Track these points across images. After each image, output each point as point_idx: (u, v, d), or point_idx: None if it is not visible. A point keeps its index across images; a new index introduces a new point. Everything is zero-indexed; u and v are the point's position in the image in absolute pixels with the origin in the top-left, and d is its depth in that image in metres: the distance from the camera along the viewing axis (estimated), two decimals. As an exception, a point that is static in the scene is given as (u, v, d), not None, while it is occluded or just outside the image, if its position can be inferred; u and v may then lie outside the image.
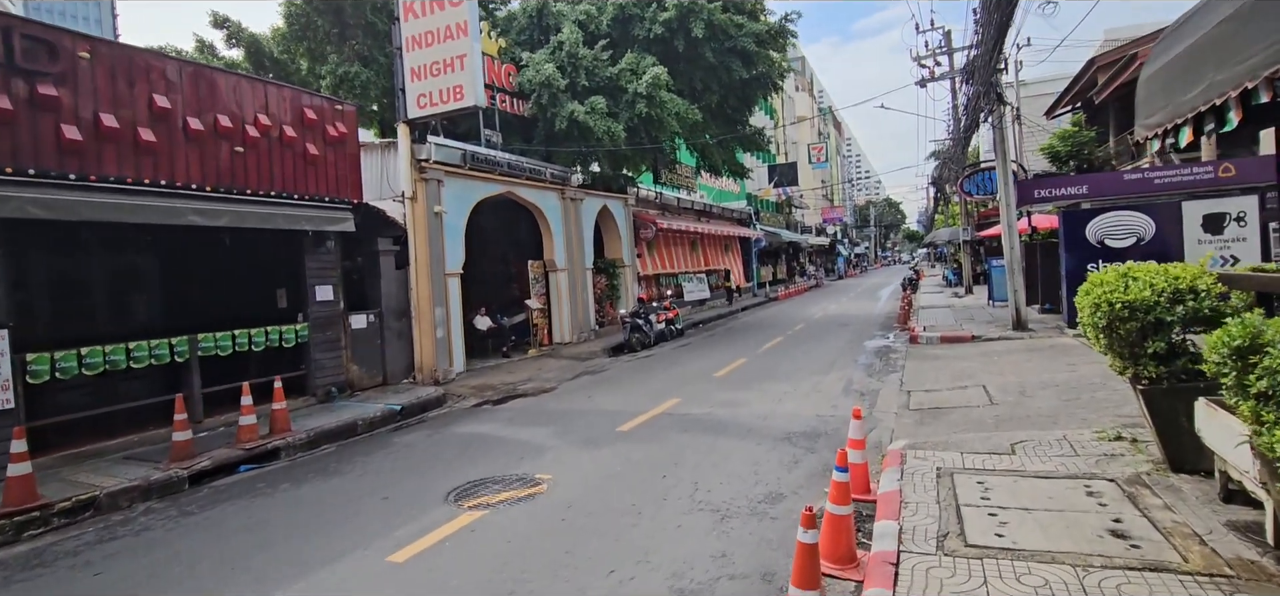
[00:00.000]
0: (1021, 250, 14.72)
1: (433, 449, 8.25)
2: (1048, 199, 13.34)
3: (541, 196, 16.70)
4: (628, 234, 21.16)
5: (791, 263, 48.54)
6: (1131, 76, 19.07)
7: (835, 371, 11.63)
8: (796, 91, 58.41)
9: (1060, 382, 8.67)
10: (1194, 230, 11.60)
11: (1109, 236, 12.09)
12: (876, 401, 9.13)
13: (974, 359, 11.38)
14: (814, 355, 13.66)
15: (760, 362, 13.21)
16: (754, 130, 23.30)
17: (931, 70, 25.97)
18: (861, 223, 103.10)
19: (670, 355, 15.36)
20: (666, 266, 25.32)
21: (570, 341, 17.62)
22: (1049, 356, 10.70)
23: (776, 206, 44.34)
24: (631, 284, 21.16)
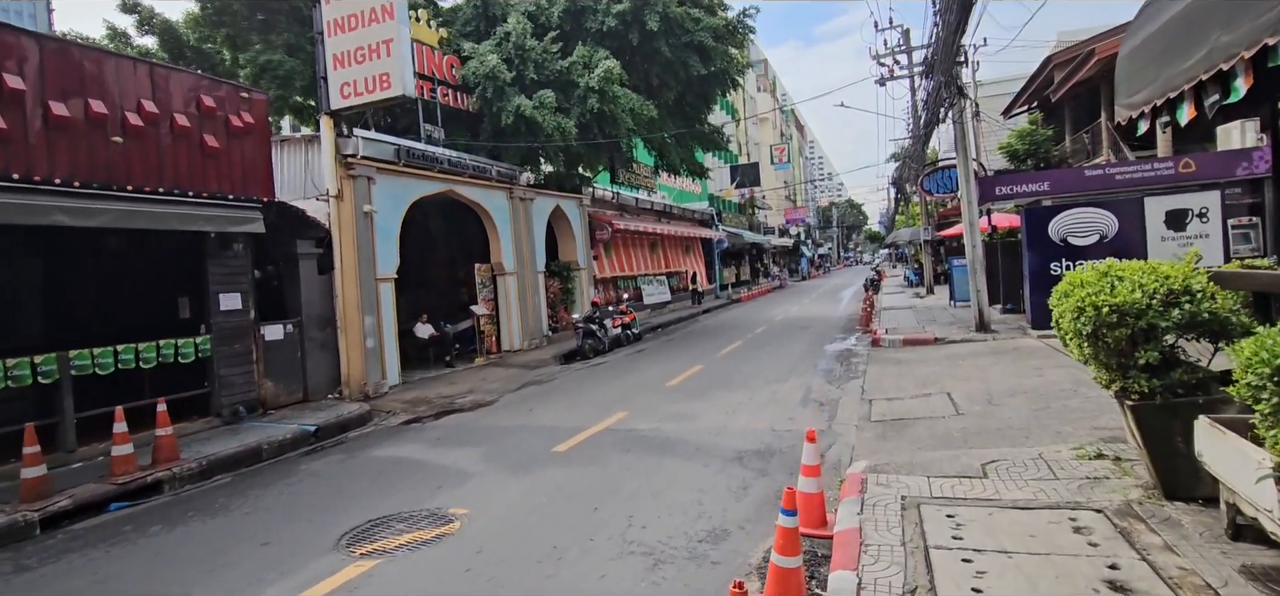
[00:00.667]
0: (983, 250, 14.37)
1: (341, 478, 7.29)
2: (1009, 196, 12.95)
3: (487, 196, 15.75)
4: (583, 235, 20.32)
5: (755, 264, 48.26)
6: (1087, 75, 19.00)
7: (794, 378, 10.99)
8: (758, 92, 58.32)
9: (1029, 389, 8.13)
10: (1157, 227, 11.28)
11: (1072, 234, 11.72)
12: (836, 411, 8.48)
13: (938, 363, 10.85)
14: (773, 360, 13.01)
15: (717, 369, 12.51)
16: (713, 128, 22.70)
17: (891, 69, 25.82)
18: (824, 224, 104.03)
19: (624, 362, 14.57)
20: (625, 269, 24.54)
21: (520, 348, 16.69)
22: (1014, 360, 10.21)
23: (739, 207, 43.97)
24: (587, 287, 20.31)
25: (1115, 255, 10.93)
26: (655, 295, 25.96)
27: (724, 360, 13.61)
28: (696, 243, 32.98)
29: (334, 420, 9.55)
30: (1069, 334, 4.50)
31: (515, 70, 15.88)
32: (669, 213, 29.32)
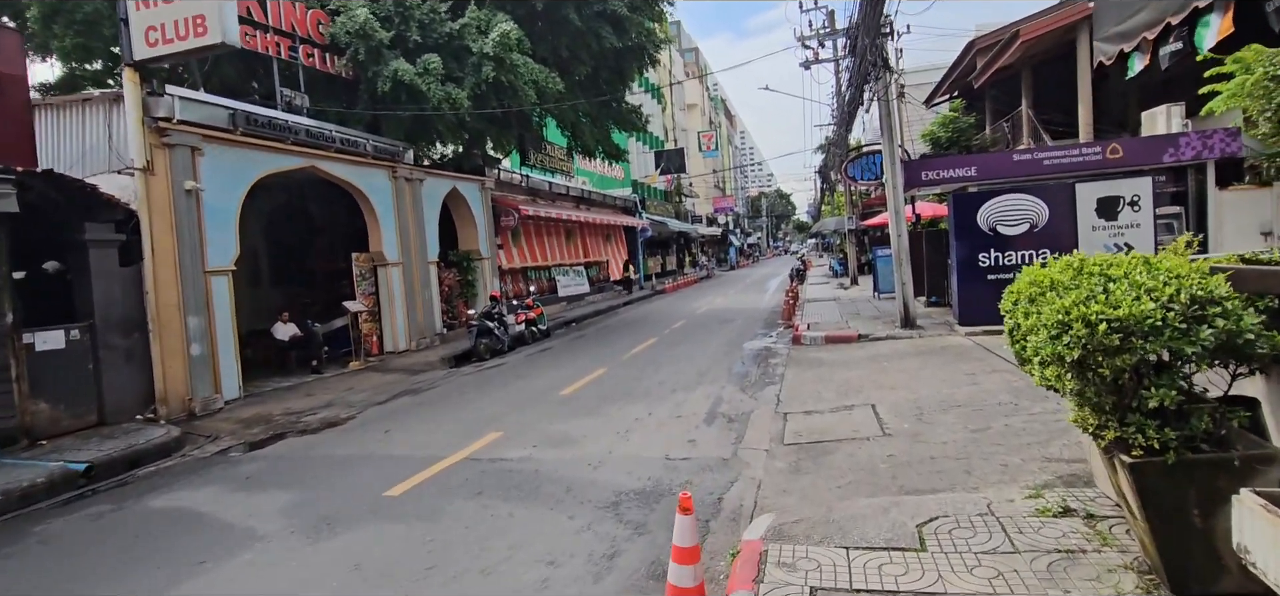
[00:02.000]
0: (908, 239, 13.44)
1: (82, 545, 5.35)
2: (935, 182, 12.03)
3: (362, 175, 13.66)
4: (486, 222, 18.40)
5: (682, 253, 47.23)
6: (1009, 61, 18.52)
7: (705, 385, 9.62)
8: (687, 78, 57.23)
9: (963, 401, 7.00)
10: (1088, 215, 10.52)
11: (1002, 222, 10.84)
12: (746, 430, 7.12)
13: (861, 364, 9.72)
14: (685, 362, 11.64)
15: (621, 374, 11.02)
16: (630, 108, 21.16)
17: (815, 52, 24.95)
18: (754, 213, 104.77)
19: (521, 365, 12.89)
20: (537, 258, 22.75)
21: (406, 349, 14.72)
22: (943, 362, 9.17)
23: (665, 195, 42.74)
24: (490, 279, 18.44)
25: (1046, 246, 10.05)
26: (571, 287, 24.30)
27: (630, 363, 12.14)
28: (618, 231, 31.47)
29: (123, 452, 7.47)
30: (1041, 358, 3.17)
31: (394, 30, 13.82)
32: (588, 199, 27.66)
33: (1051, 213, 10.60)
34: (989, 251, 10.89)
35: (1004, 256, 10.83)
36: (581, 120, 19.99)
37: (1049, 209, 10.61)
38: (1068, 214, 10.56)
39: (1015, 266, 10.81)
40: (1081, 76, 15.68)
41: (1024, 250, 10.74)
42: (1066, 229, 10.57)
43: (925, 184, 12.10)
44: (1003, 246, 10.83)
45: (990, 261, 10.90)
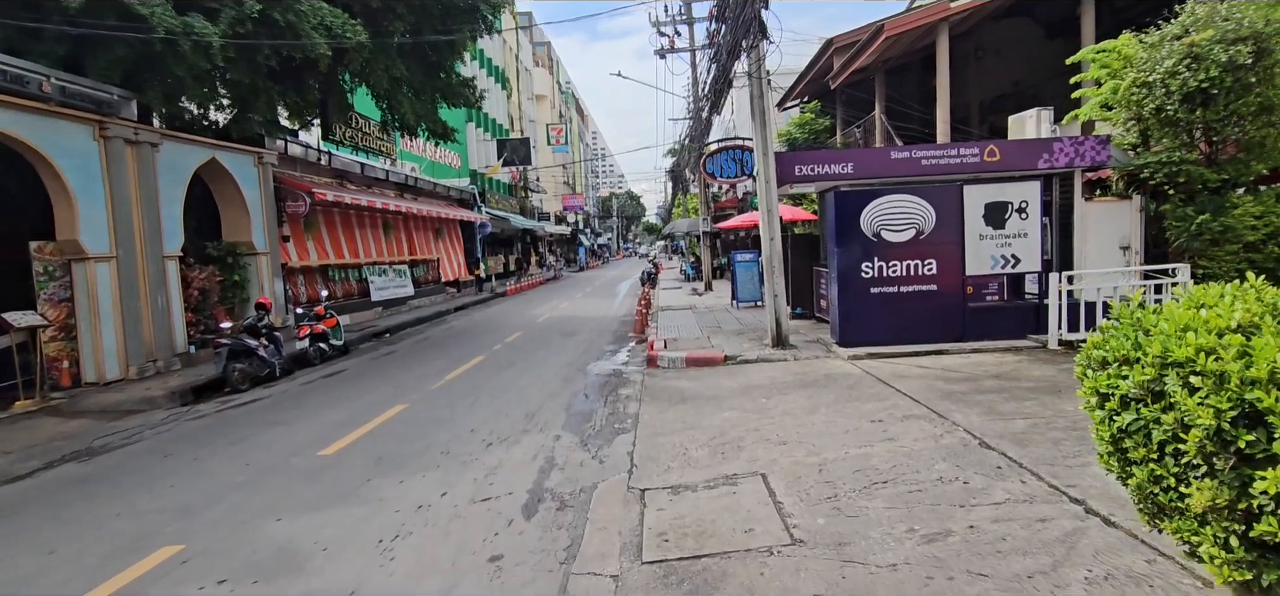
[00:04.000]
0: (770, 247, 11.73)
1: None
2: (810, 178, 10.39)
3: (43, 129, 9.41)
4: (264, 206, 14.35)
5: (528, 252, 44.13)
6: (866, 62, 17.86)
7: (533, 434, 7.01)
8: (535, 67, 54.13)
9: (886, 470, 5.02)
10: (976, 222, 9.33)
11: (886, 226, 9.34)
12: (586, 527, 4.63)
13: (735, 400, 7.64)
14: (513, 393, 8.95)
15: (423, 414, 8.09)
16: (462, 80, 17.93)
17: (671, 40, 23.30)
18: (605, 213, 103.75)
19: (287, 398, 9.46)
20: (342, 255, 18.76)
21: (120, 378, 10.57)
22: (836, 399, 7.32)
23: (509, 189, 39.40)
24: (270, 280, 14.40)
25: (932, 256, 8.48)
26: (390, 290, 20.49)
27: (443, 393, 9.21)
28: (453, 226, 27.83)
29: None
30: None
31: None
32: (414, 187, 23.84)
33: (938, 217, 9.28)
34: (872, 260, 9.36)
35: (888, 266, 9.35)
36: (401, 90, 16.45)
37: (936, 213, 9.27)
38: (955, 220, 9.29)
39: (900, 279, 9.37)
40: (940, 78, 15.13)
41: (909, 259, 9.33)
42: (953, 236, 9.31)
43: (798, 180, 10.43)
44: (887, 255, 9.35)
45: (874, 271, 9.37)
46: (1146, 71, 9.70)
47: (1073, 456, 4.86)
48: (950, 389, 7.21)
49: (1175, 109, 9.51)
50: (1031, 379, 7.42)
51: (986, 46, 19.87)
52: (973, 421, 5.94)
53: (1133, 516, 3.77)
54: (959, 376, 7.77)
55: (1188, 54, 9.21)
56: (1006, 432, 5.54)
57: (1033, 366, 8.03)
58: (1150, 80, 9.66)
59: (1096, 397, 2.99)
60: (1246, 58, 8.88)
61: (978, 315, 9.42)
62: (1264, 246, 10.08)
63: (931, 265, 9.30)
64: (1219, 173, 9.98)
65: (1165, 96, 9.53)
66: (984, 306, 9.44)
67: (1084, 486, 4.27)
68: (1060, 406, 6.24)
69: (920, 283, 9.34)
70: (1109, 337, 3.01)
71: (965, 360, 8.58)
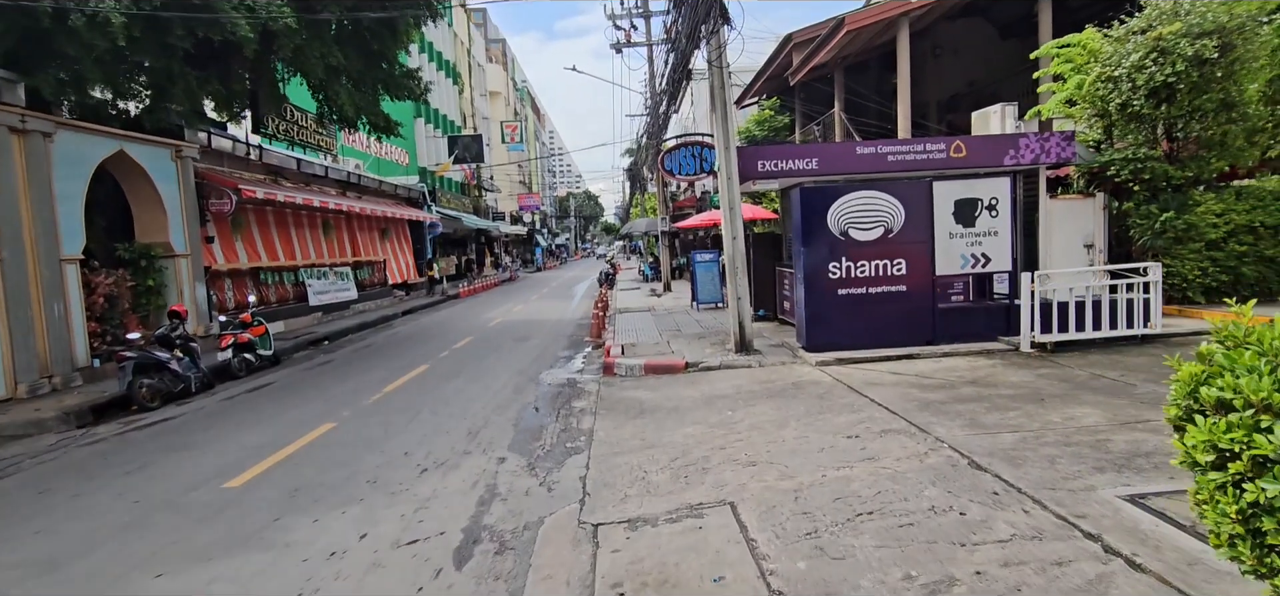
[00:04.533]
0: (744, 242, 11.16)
1: None
2: (774, 174, 9.89)
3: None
4: (183, 204, 13.13)
5: (482, 253, 42.89)
6: (826, 58, 17.57)
7: (475, 456, 6.26)
8: (489, 63, 52.80)
9: (869, 498, 4.47)
10: (946, 220, 8.94)
11: (854, 224, 8.88)
12: (530, 568, 3.95)
13: (697, 412, 7.04)
14: (456, 407, 8.16)
15: (353, 434, 7.23)
16: (406, 71, 16.90)
17: (628, 34, 22.67)
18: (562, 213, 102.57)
19: (202, 417, 8.46)
20: (276, 257, 17.51)
21: (8, 397, 9.35)
22: (808, 411, 6.78)
23: (462, 187, 38.14)
24: (191, 284, 13.19)
25: (901, 255, 7.95)
26: (330, 293, 19.28)
27: (379, 408, 8.34)
28: (401, 225, 26.59)
29: None
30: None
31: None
32: (358, 185, 22.60)
33: (908, 215, 8.86)
34: (840, 260, 8.89)
35: (856, 266, 8.89)
36: (339, 80, 15.36)
37: (906, 211, 8.85)
38: (925, 218, 8.89)
39: (868, 279, 8.93)
40: (901, 73, 14.89)
41: (878, 259, 8.89)
42: (923, 235, 8.91)
43: (761, 176, 9.91)
44: (856, 254, 8.89)
45: (841, 271, 8.90)
46: (1112, 66, 9.52)
47: (1072, 478, 4.39)
48: (927, 398, 6.75)
49: (1141, 104, 9.34)
50: (1010, 386, 7.02)
51: (943, 45, 19.84)
52: (956, 436, 5.46)
53: (1163, 558, 3.28)
54: (934, 383, 7.33)
55: (1154, 48, 9.04)
56: (995, 449, 5.07)
57: (1008, 371, 7.66)
58: (1116, 75, 9.48)
59: (1213, 454, 2.14)
60: (1212, 52, 8.75)
61: (948, 317, 9.05)
62: (1225, 244, 10.03)
63: (901, 265, 8.89)
64: (1182, 170, 9.88)
65: (1131, 91, 9.36)
66: (954, 307, 9.08)
67: (1095, 517, 3.78)
68: (1046, 417, 5.82)
69: (889, 283, 8.91)
70: (1231, 367, 2.18)
71: (938, 365, 8.17)
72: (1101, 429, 5.37)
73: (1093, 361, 7.82)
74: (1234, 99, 9.34)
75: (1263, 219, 9.88)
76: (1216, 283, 10.03)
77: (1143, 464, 4.55)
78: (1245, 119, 9.69)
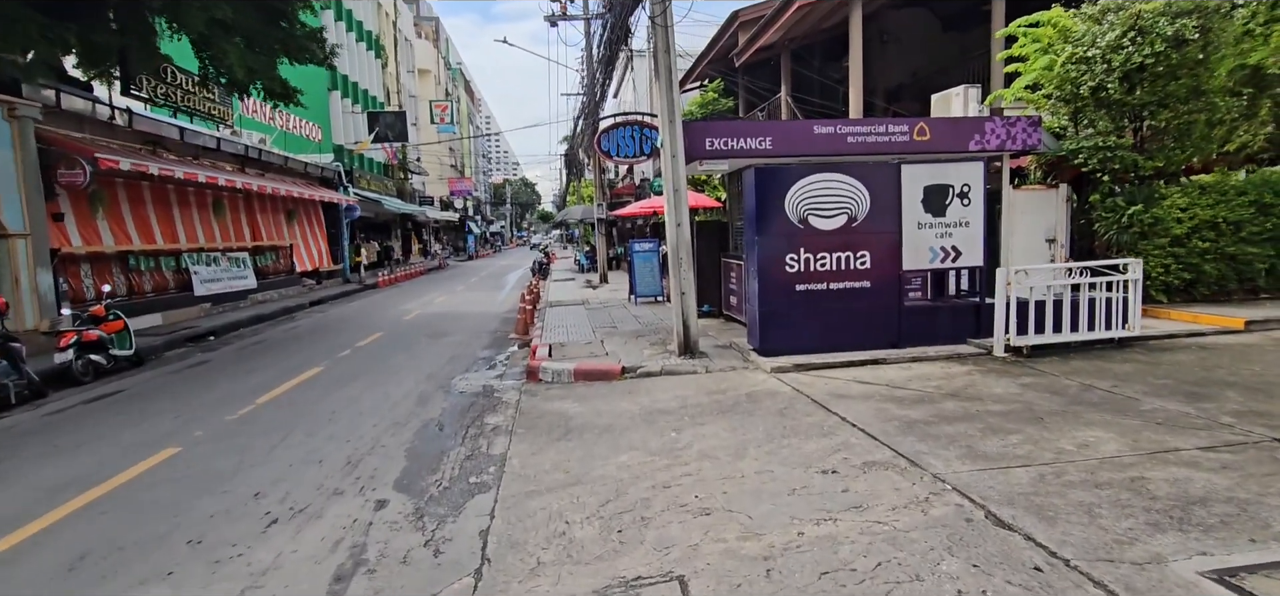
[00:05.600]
0: (691, 230, 9.94)
1: None
2: (723, 154, 8.75)
3: None
4: (19, 172, 10.88)
5: (409, 239, 40.38)
6: (773, 38, 16.62)
7: (347, 499, 4.81)
8: (418, 39, 49.88)
9: (862, 566, 3.32)
10: (914, 208, 8.00)
11: (815, 211, 7.82)
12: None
13: (635, 433, 5.80)
14: (343, 424, 6.63)
15: (190, 469, 5.62)
16: (309, 31, 14.88)
17: (563, 5, 21.17)
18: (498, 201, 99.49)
19: (4, 443, 6.60)
20: (153, 239, 15.20)
21: None
22: (769, 431, 5.63)
23: (385, 169, 35.59)
24: (29, 270, 10.97)
25: (866, 247, 6.28)
26: (221, 281, 17.02)
27: (240, 427, 6.71)
28: (313, 207, 24.21)
29: None
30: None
31: None
32: (259, 161, 20.21)
33: (873, 201, 7.86)
34: (798, 252, 7.81)
35: (816, 259, 7.84)
36: (228, 37, 13.24)
37: (871, 197, 7.85)
38: (892, 204, 7.92)
39: (830, 273, 7.89)
40: (853, 56, 14.05)
41: (840, 251, 7.87)
42: (890, 224, 7.94)
43: (709, 155, 8.75)
44: (815, 245, 7.83)
45: (799, 264, 7.83)
46: (1085, 45, 8.83)
47: (1129, 541, 3.38)
48: (907, 416, 5.73)
49: (1114, 88, 8.68)
50: (996, 400, 6.09)
51: (890, 32, 19.26)
52: (959, 473, 4.42)
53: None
54: (909, 396, 6.34)
55: (1132, 26, 8.38)
56: (1013, 493, 4.03)
57: (989, 381, 6.76)
58: (1089, 55, 8.79)
59: None
60: (1192, 32, 8.14)
61: (913, 317, 8.13)
62: (1188, 240, 9.54)
63: (865, 258, 7.90)
64: (1152, 160, 9.31)
65: (1105, 73, 8.68)
66: (919, 306, 8.16)
67: (1184, 608, 2.75)
68: (1056, 444, 4.86)
69: (852, 278, 7.91)
70: None
71: (908, 372, 7.22)
72: (1128, 460, 4.44)
73: (1076, 368, 7.03)
74: (1204, 86, 8.84)
75: (1225, 215, 9.44)
76: (1178, 280, 9.56)
77: (1203, 516, 3.59)
78: (1211, 108, 9.22)
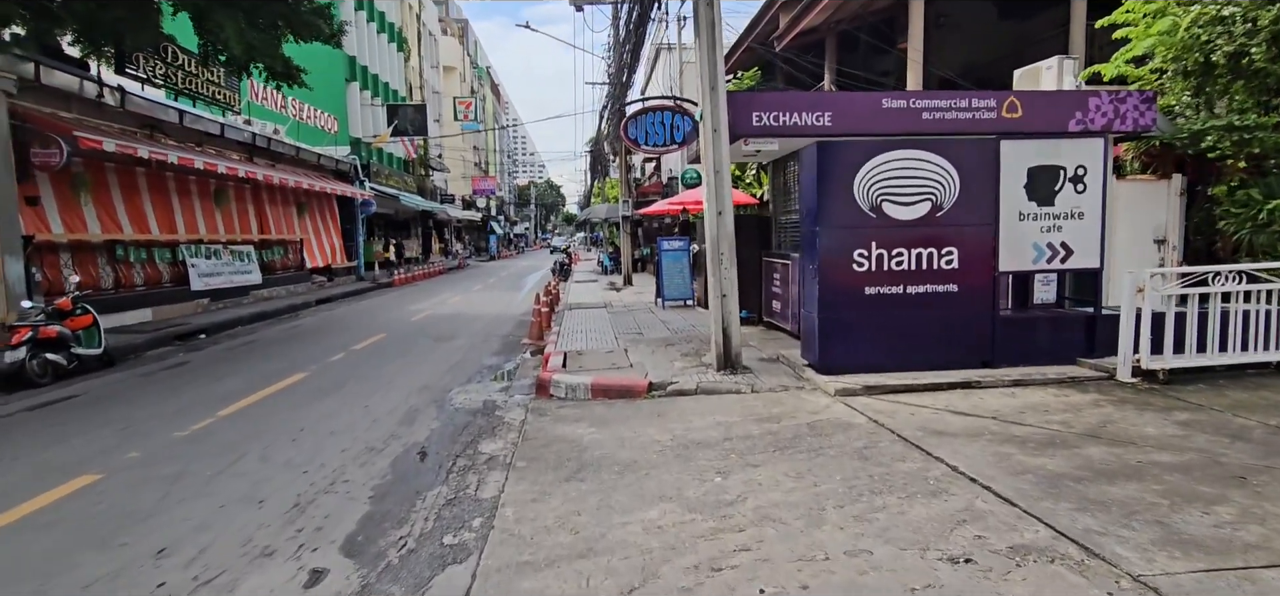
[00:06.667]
0: (733, 223, 8.42)
1: None
2: (772, 131, 7.36)
3: None
4: (-12, 150, 9.86)
5: (430, 237, 39.51)
6: (816, 20, 15.15)
7: (274, 565, 3.48)
8: (444, 35, 49.18)
9: None
10: (1015, 194, 6.48)
11: (891, 196, 6.35)
12: None
13: (669, 475, 4.40)
14: (307, 447, 5.34)
15: (102, 505, 4.36)
16: (313, 7, 13.79)
17: (589, -15, 19.94)
18: (523, 202, 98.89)
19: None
20: (147, 229, 14.22)
21: None
22: (850, 481, 4.19)
23: (405, 165, 34.71)
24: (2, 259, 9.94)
25: (951, 243, 5.31)
26: (222, 276, 16.01)
27: (186, 447, 5.45)
28: (326, 201, 23.28)
29: None
30: None
31: None
32: (268, 150, 19.24)
33: (964, 185, 6.37)
34: (869, 246, 6.34)
35: (892, 256, 6.36)
36: (224, 9, 12.19)
37: (961, 179, 6.36)
38: (987, 189, 6.42)
39: (908, 274, 6.42)
40: (913, 34, 12.54)
41: (921, 246, 6.39)
42: (984, 214, 6.44)
43: (756, 132, 7.37)
44: (891, 239, 6.36)
45: (871, 262, 6.36)
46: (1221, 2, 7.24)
47: None
48: (1042, 466, 4.24)
49: (1259, 53, 7.07)
50: (1155, 444, 4.57)
51: (947, 17, 17.63)
52: (1173, 575, 2.93)
53: None
54: (1034, 436, 4.84)
55: (1289, -26, 6.80)
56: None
57: (1128, 415, 5.23)
58: (1226, 13, 7.20)
59: None
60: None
61: (1010, 329, 6.61)
62: (1338, 244, 7.82)
63: (951, 255, 6.40)
64: (1301, 144, 7.65)
65: (1247, 35, 7.09)
66: (1017, 317, 6.63)
67: None
68: None
69: (934, 280, 6.42)
70: None
71: (1014, 400, 5.71)
72: None
73: (1239, 402, 5.47)
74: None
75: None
76: (1322, 291, 7.85)
77: None
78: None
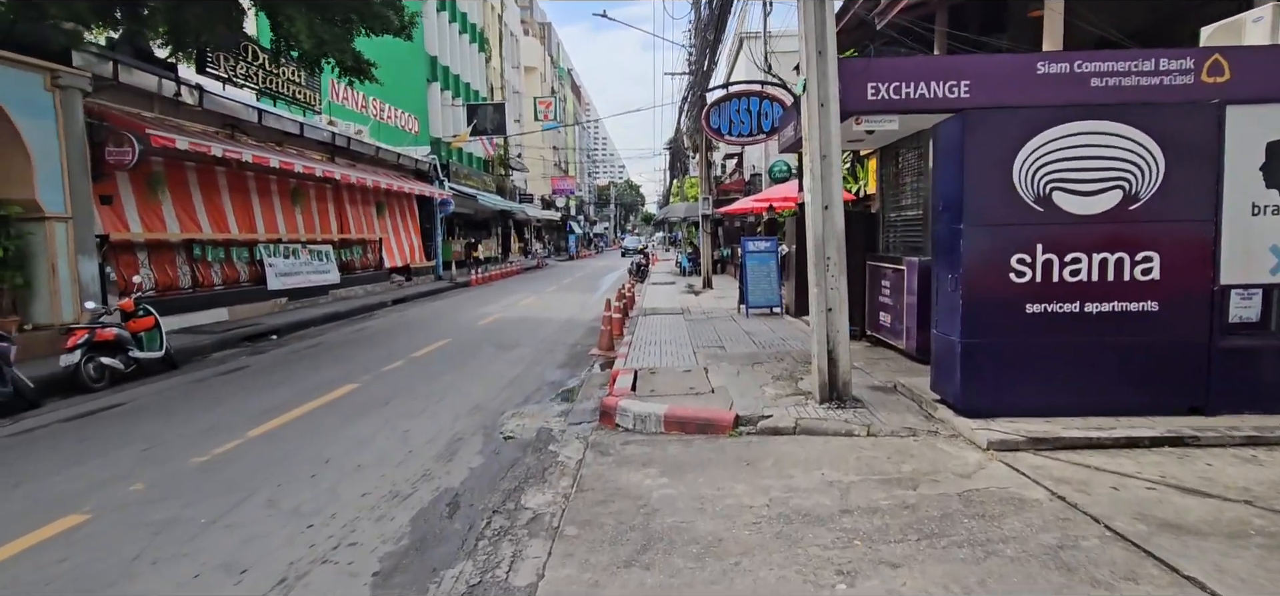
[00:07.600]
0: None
1: None
2: (896, 105, 5.97)
3: None
4: (62, 149, 9.80)
5: (509, 237, 39.57)
6: (927, -11, 13.27)
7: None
8: (525, 35, 49.41)
9: None
10: (1246, 179, 4.76)
11: (1064, 182, 4.79)
12: None
13: (769, 563, 3.14)
14: (323, 487, 4.44)
15: (60, 566, 3.56)
16: None
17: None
18: (602, 202, 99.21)
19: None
20: (226, 228, 14.22)
21: None
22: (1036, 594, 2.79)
23: (485, 164, 34.76)
24: (70, 257, 9.86)
25: (1152, 241, 3.90)
26: (300, 275, 15.95)
27: (201, 476, 4.68)
28: (406, 200, 23.28)
29: None
30: None
31: None
32: (347, 150, 19.24)
33: (1170, 166, 4.72)
34: (1032, 250, 4.81)
35: (1064, 263, 4.80)
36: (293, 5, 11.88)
37: (1166, 157, 4.72)
38: (1204, 173, 4.74)
39: (1087, 287, 4.83)
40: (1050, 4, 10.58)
41: (1106, 250, 4.79)
42: (1198, 205, 4.76)
43: (871, 108, 6.01)
44: (1062, 241, 4.80)
45: (1035, 271, 4.82)
46: None
47: None
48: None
49: None
50: None
51: (1080, -18, 15.26)
52: None
53: None
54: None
55: None
56: None
57: None
58: None
59: None
60: None
61: (1232, 364, 4.88)
62: None
63: (1150, 263, 4.77)
64: None
65: None
66: (1241, 347, 4.89)
67: None
68: None
69: (1126, 296, 4.81)
70: None
71: (1263, 470, 4.07)
72: None
73: None
74: None
75: None
76: None
77: None
78: None
